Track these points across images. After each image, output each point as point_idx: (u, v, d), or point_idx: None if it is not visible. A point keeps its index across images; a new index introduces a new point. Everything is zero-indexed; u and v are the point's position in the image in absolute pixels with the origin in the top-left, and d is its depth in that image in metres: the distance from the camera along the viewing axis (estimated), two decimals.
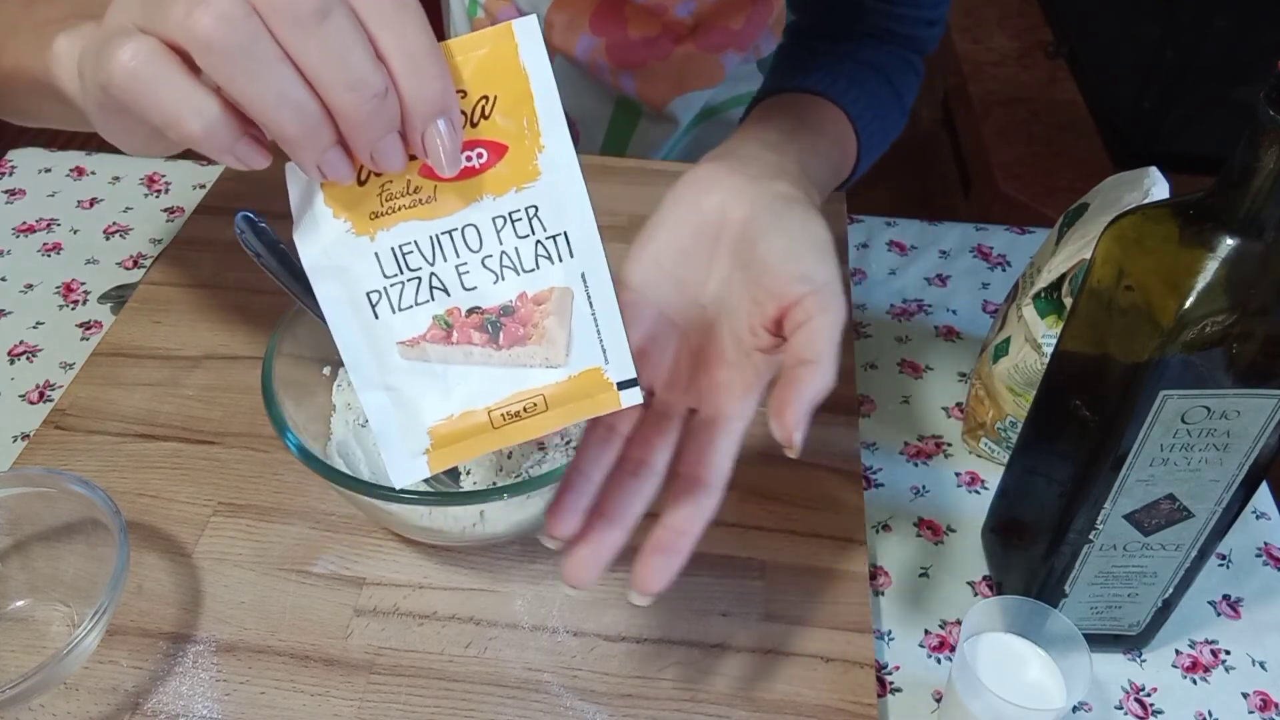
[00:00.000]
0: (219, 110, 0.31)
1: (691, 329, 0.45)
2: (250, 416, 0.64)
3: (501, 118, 0.36)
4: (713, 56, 0.86)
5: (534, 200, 0.37)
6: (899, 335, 0.74)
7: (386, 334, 0.38)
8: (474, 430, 0.39)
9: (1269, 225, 0.40)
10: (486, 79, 0.35)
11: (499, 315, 0.38)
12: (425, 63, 0.32)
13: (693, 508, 0.42)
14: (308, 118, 0.31)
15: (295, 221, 0.36)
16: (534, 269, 0.38)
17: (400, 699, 0.51)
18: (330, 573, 0.56)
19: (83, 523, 0.52)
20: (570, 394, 0.39)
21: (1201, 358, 0.41)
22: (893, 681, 0.54)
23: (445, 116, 0.33)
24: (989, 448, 0.64)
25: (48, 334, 0.72)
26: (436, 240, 0.37)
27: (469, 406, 0.39)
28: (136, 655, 0.52)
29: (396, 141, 0.33)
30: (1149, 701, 0.54)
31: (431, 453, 0.39)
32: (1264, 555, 0.61)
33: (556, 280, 0.38)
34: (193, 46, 0.30)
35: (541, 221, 0.37)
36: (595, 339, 0.39)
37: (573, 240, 0.38)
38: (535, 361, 0.39)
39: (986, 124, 1.90)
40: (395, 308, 0.37)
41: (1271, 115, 0.37)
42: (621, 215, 0.80)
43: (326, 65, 0.30)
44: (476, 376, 0.39)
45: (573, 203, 0.37)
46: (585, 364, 0.39)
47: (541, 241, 0.37)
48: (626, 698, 0.51)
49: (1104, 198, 0.59)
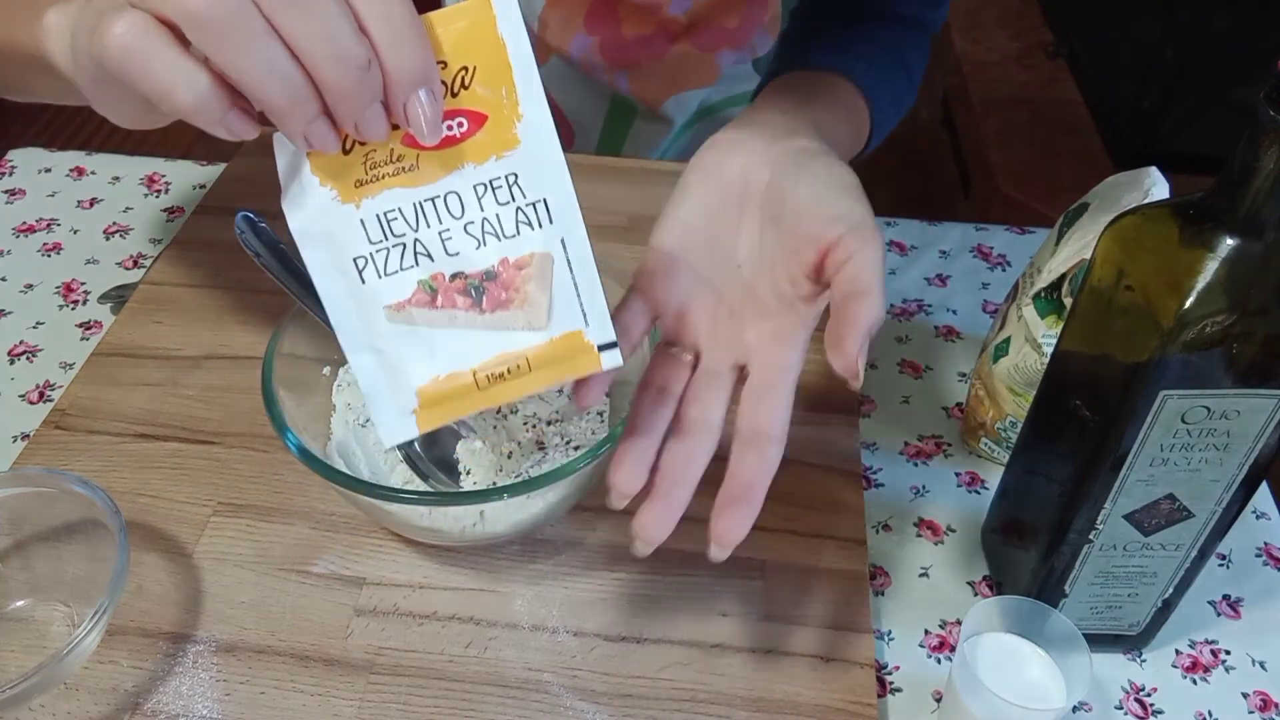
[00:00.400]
0: (209, 82, 0.32)
1: (728, 288, 0.46)
2: (250, 416, 0.64)
3: (481, 88, 0.37)
4: (708, 55, 0.86)
5: (513, 168, 0.38)
6: (899, 335, 0.74)
7: (373, 298, 0.39)
8: (460, 391, 0.40)
9: (1269, 225, 0.40)
10: (466, 50, 0.36)
11: (482, 280, 0.39)
12: (407, 35, 0.33)
13: (759, 459, 0.43)
14: (294, 89, 0.32)
15: (283, 190, 0.37)
16: (515, 234, 0.39)
17: (400, 699, 0.51)
18: (330, 573, 0.56)
19: (83, 523, 0.52)
20: (552, 356, 0.40)
21: (1201, 358, 0.41)
22: (893, 681, 0.54)
23: (426, 87, 0.34)
24: (989, 448, 0.64)
25: (48, 334, 0.72)
26: (420, 207, 0.38)
27: (454, 368, 0.40)
28: (136, 655, 0.52)
29: (380, 111, 0.34)
30: (1149, 701, 0.54)
31: (420, 412, 0.40)
32: (1264, 555, 0.61)
33: (537, 246, 0.39)
34: (183, 21, 0.31)
35: (521, 189, 0.38)
36: (576, 302, 0.40)
37: (551, 207, 0.39)
38: (518, 325, 0.40)
39: (986, 124, 1.90)
40: (381, 273, 0.38)
41: (1271, 115, 0.37)
42: (622, 215, 0.80)
43: (312, 39, 0.32)
44: (461, 339, 0.40)
45: (551, 170, 0.38)
46: (566, 327, 0.40)
47: (521, 208, 0.39)
48: (626, 698, 0.51)
49: (1104, 198, 0.59)
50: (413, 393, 0.40)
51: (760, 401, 0.44)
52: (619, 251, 0.77)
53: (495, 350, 0.40)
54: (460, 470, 0.58)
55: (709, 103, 0.91)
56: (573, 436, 0.59)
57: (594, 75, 0.87)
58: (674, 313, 0.46)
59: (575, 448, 0.58)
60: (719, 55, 0.87)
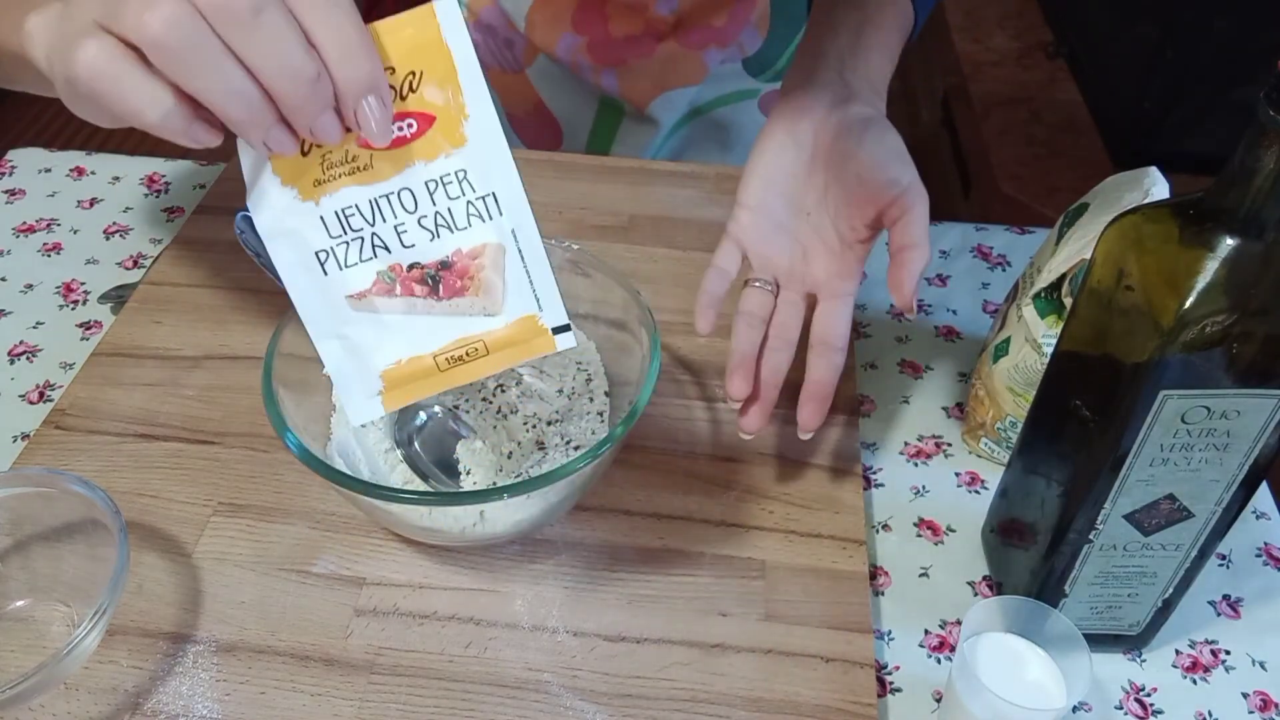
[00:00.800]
0: (173, 101, 0.35)
1: (800, 232, 0.59)
2: (250, 416, 0.64)
3: (428, 91, 0.39)
4: (695, 54, 0.86)
5: (463, 164, 0.40)
6: (899, 335, 0.74)
7: (336, 289, 0.41)
8: (422, 373, 0.43)
9: (1269, 225, 0.40)
10: (413, 56, 0.38)
11: (437, 269, 0.42)
12: (353, 46, 0.36)
13: (827, 364, 0.56)
14: (251, 103, 0.35)
15: (248, 190, 0.40)
16: (467, 226, 0.41)
17: (400, 699, 0.51)
18: (330, 573, 0.56)
19: (83, 523, 0.52)
20: (508, 339, 0.43)
21: (1201, 358, 0.41)
22: (893, 681, 0.54)
23: (374, 94, 0.37)
24: (989, 448, 0.64)
25: (48, 334, 0.72)
26: (375, 203, 0.40)
27: (416, 352, 0.43)
28: (136, 655, 0.52)
29: (332, 118, 0.37)
30: (1149, 701, 0.54)
31: (385, 394, 0.44)
32: (1264, 555, 0.61)
33: (489, 236, 0.41)
34: (144, 46, 0.34)
35: (471, 184, 0.40)
36: (529, 289, 0.42)
37: (501, 200, 0.41)
38: (474, 310, 0.42)
39: (986, 124, 1.90)
40: (342, 265, 0.41)
41: (1271, 115, 0.37)
42: (622, 215, 0.80)
43: (264, 57, 0.35)
44: (420, 325, 0.42)
45: (498, 165, 0.40)
46: (520, 311, 0.43)
47: (472, 202, 0.41)
48: (626, 698, 0.51)
49: (1104, 198, 0.59)
50: (377, 376, 0.43)
51: (828, 319, 0.57)
52: (619, 251, 0.77)
53: (453, 335, 0.43)
54: (460, 470, 0.58)
55: (699, 103, 0.91)
56: (573, 436, 0.59)
57: (581, 75, 0.87)
58: (759, 254, 0.59)
59: (575, 448, 0.58)
60: (706, 53, 0.86)
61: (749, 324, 0.57)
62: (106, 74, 0.35)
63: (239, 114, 0.36)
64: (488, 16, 0.88)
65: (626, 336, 0.60)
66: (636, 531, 0.59)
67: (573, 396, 0.61)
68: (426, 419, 0.58)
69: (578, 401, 0.61)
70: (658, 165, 0.85)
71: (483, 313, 0.43)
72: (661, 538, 0.58)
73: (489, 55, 0.90)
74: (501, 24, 0.87)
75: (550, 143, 0.93)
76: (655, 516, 0.59)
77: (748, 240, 0.59)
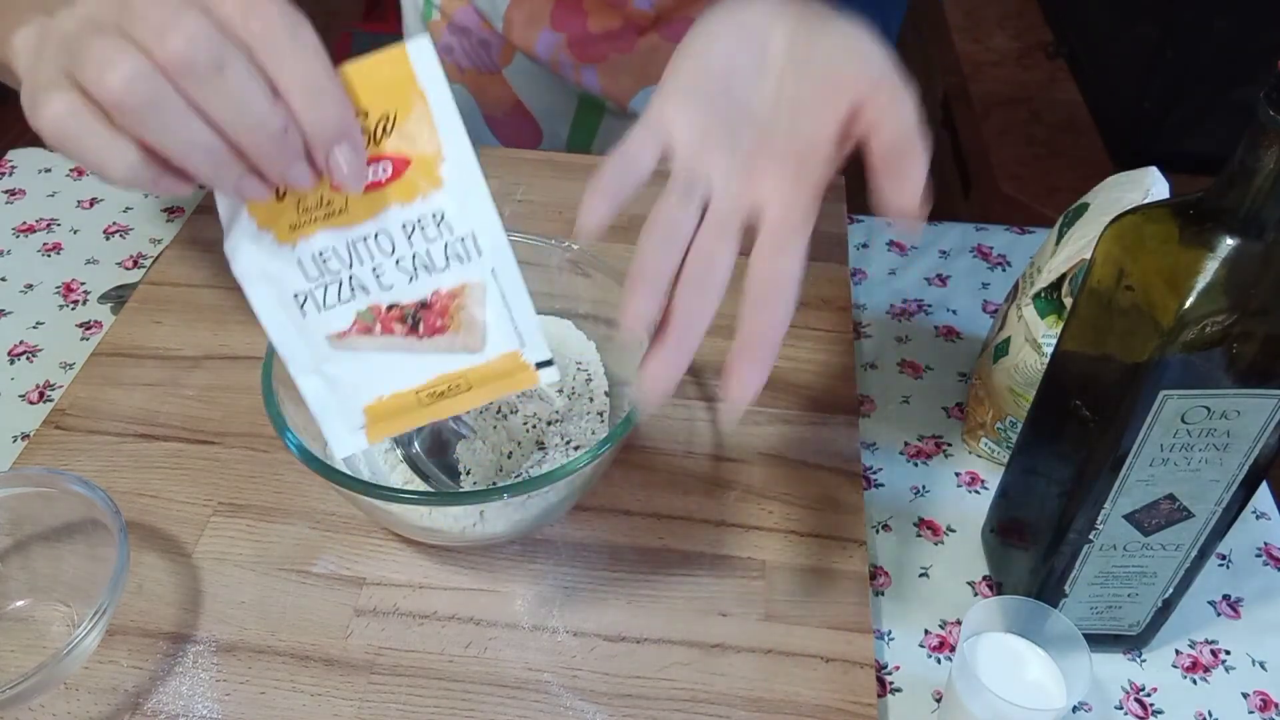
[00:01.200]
0: (137, 156, 0.35)
1: (743, 134, 0.44)
2: (250, 416, 0.64)
3: (402, 133, 0.38)
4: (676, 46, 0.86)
5: (440, 206, 0.39)
6: (899, 335, 0.74)
7: (315, 329, 0.41)
8: (404, 408, 0.43)
9: (1269, 225, 0.40)
10: (386, 99, 0.37)
11: (417, 309, 0.41)
12: (322, 95, 0.35)
13: (769, 312, 0.41)
14: (217, 157, 0.35)
15: (225, 234, 0.40)
16: (445, 267, 0.40)
17: (400, 699, 0.51)
18: (330, 573, 0.56)
19: (83, 523, 0.52)
20: (490, 374, 0.43)
21: (1201, 358, 0.41)
22: (893, 681, 0.54)
23: (345, 141, 0.36)
24: (989, 448, 0.64)
25: (48, 334, 0.72)
26: (352, 246, 0.40)
27: (398, 389, 0.42)
28: (136, 655, 0.52)
29: (304, 166, 0.36)
30: (1149, 701, 0.54)
31: (369, 427, 0.43)
32: (1264, 555, 0.61)
33: (468, 276, 0.41)
34: (105, 104, 0.33)
35: (449, 225, 0.40)
36: (510, 326, 0.42)
37: (480, 240, 0.40)
38: (454, 348, 0.42)
39: (986, 124, 1.90)
40: (320, 307, 0.41)
41: (1271, 115, 0.37)
42: (622, 215, 0.79)
43: (227, 111, 0.34)
44: (402, 363, 0.42)
45: (476, 205, 0.40)
46: (502, 349, 0.42)
47: (450, 243, 0.40)
48: (626, 698, 0.51)
49: (1104, 198, 0.59)
50: (359, 411, 0.43)
51: (776, 253, 0.41)
52: (619, 251, 0.77)
53: (435, 372, 0.42)
54: (460, 470, 0.58)
55: None
56: (573, 436, 0.59)
57: (561, 73, 0.87)
58: (688, 149, 0.44)
59: (575, 448, 0.58)
60: None
61: (661, 239, 0.42)
62: (70, 132, 0.34)
63: (205, 168, 0.35)
64: (462, 18, 0.88)
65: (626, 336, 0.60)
66: (636, 531, 0.59)
67: (573, 396, 0.61)
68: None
69: (578, 401, 0.61)
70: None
71: (464, 350, 0.42)
72: (661, 538, 0.58)
73: (464, 57, 0.90)
74: (476, 25, 0.87)
75: (529, 143, 0.93)
76: (655, 516, 0.59)
77: (674, 130, 0.44)
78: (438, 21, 0.90)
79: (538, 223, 0.78)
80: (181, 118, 0.34)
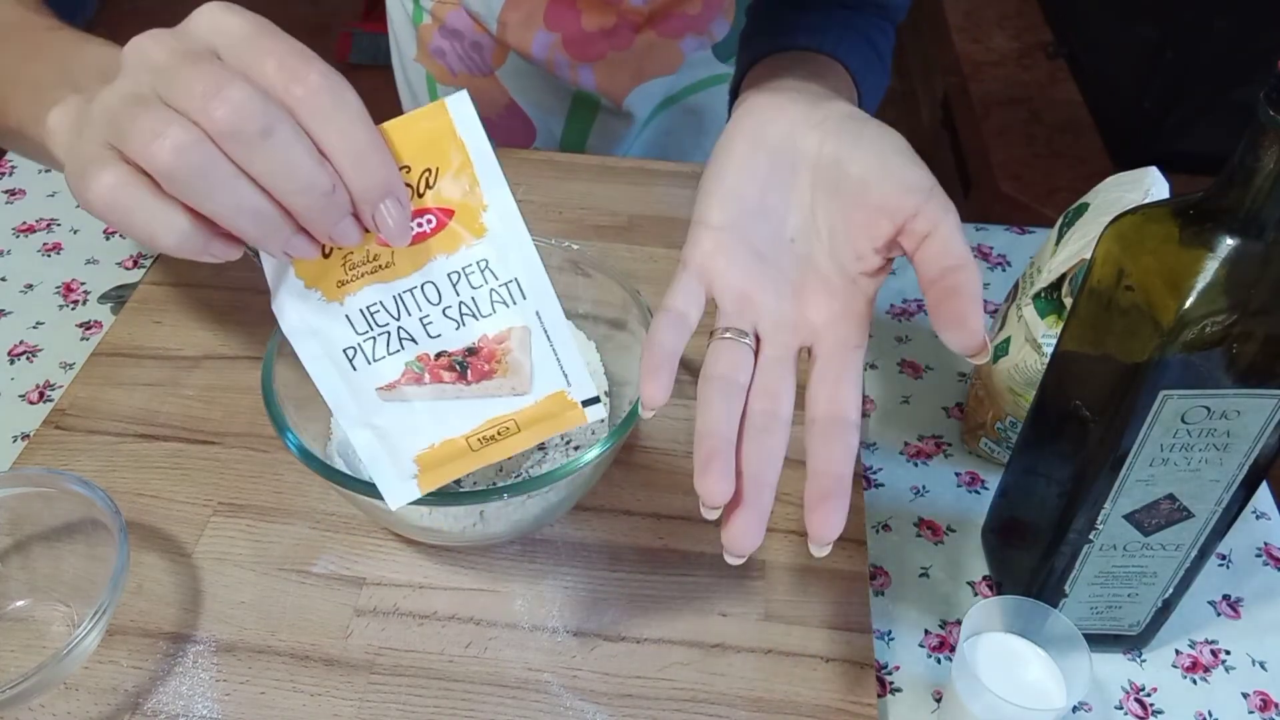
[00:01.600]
0: (189, 224, 0.35)
1: (785, 264, 0.44)
2: (250, 416, 0.64)
3: (445, 185, 0.39)
4: (672, 42, 0.86)
5: (484, 255, 0.41)
6: (899, 335, 0.74)
7: (365, 382, 0.42)
8: (456, 454, 0.44)
9: (1269, 225, 0.40)
10: (427, 153, 0.38)
11: (465, 355, 0.42)
12: (367, 154, 0.36)
13: (843, 448, 0.40)
14: (266, 220, 0.35)
15: (272, 293, 0.40)
16: (491, 313, 0.42)
17: (400, 699, 0.51)
18: (330, 573, 0.56)
19: (83, 523, 0.52)
20: (539, 415, 0.44)
21: (1201, 358, 0.41)
22: (893, 681, 0.54)
23: (390, 197, 0.37)
24: (989, 448, 0.64)
25: (48, 334, 0.72)
26: (399, 299, 0.41)
27: (448, 436, 0.44)
28: (136, 655, 0.52)
29: (351, 224, 0.37)
30: (1149, 701, 0.54)
31: (420, 476, 0.44)
32: (1264, 555, 0.61)
33: (514, 321, 0.42)
34: (155, 174, 0.34)
35: (493, 272, 0.41)
36: (556, 366, 0.43)
37: (524, 284, 0.42)
38: (503, 391, 0.43)
39: (986, 124, 1.90)
40: (370, 359, 0.42)
41: (1271, 115, 0.37)
42: (621, 215, 0.80)
43: (276, 175, 0.34)
44: (451, 409, 0.43)
45: (519, 251, 0.41)
46: (549, 389, 0.43)
47: (495, 289, 0.41)
48: (626, 698, 0.51)
49: (1104, 198, 0.59)
50: (410, 460, 0.44)
51: (835, 386, 0.41)
52: (619, 251, 0.77)
53: (484, 416, 0.43)
54: None
55: (671, 93, 0.91)
56: (573, 436, 0.59)
57: (558, 72, 0.87)
58: (734, 294, 0.44)
59: (575, 448, 0.58)
60: (683, 41, 0.86)
61: (723, 393, 0.41)
62: (120, 205, 0.35)
63: (254, 232, 0.36)
64: (454, 21, 0.88)
65: (626, 336, 0.60)
66: (636, 531, 0.59)
67: None
68: None
69: None
70: (658, 165, 0.85)
71: (511, 393, 0.43)
72: (661, 538, 0.58)
73: (457, 61, 0.90)
74: (469, 28, 0.87)
75: (522, 141, 0.93)
76: (655, 516, 0.59)
77: (715, 272, 0.44)
78: (428, 25, 0.90)
79: (538, 223, 0.78)
80: (230, 183, 0.34)
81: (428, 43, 0.90)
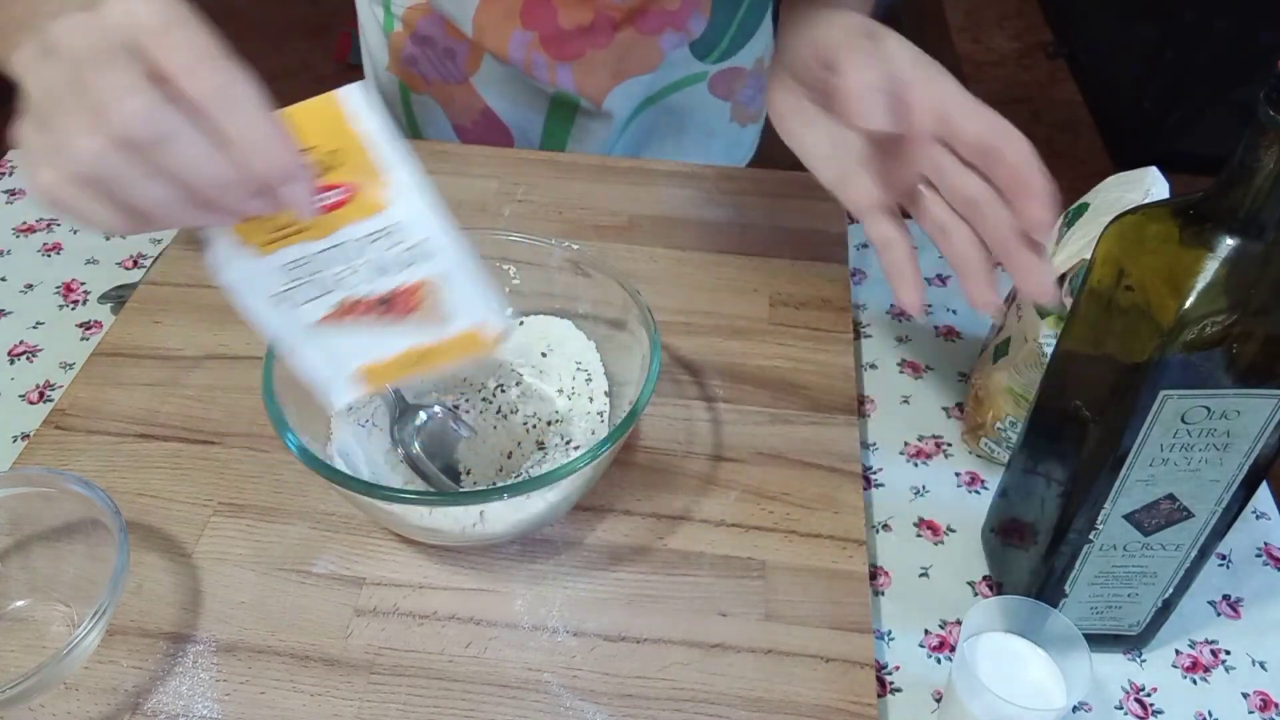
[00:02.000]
0: (116, 215, 0.39)
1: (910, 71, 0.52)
2: (250, 416, 0.64)
3: (345, 163, 0.43)
4: (651, 39, 0.86)
5: (390, 221, 0.44)
6: (899, 335, 0.74)
7: (300, 320, 0.47)
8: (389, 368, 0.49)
9: (1269, 225, 0.40)
10: (326, 137, 0.42)
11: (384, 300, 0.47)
12: (265, 143, 0.39)
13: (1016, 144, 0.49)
14: (184, 206, 0.40)
15: (212, 251, 0.44)
16: (403, 269, 0.46)
17: (400, 699, 0.51)
18: (330, 573, 0.56)
19: (83, 523, 0.52)
20: (456, 345, 0.49)
21: (1201, 358, 0.41)
22: (893, 681, 0.54)
23: (291, 180, 0.40)
24: (989, 448, 0.64)
25: (48, 334, 0.72)
26: (320, 255, 0.45)
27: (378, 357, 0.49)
28: (136, 655, 0.52)
29: (259, 202, 0.41)
30: (1149, 701, 0.54)
31: (364, 379, 0.49)
32: (1264, 555, 0.61)
33: (427, 273, 0.46)
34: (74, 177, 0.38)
35: (402, 235, 0.45)
36: (468, 306, 0.48)
37: (432, 244, 0.45)
38: (424, 325, 0.48)
39: None
40: (298, 304, 0.46)
41: (1271, 115, 0.37)
42: (621, 215, 0.80)
43: (182, 171, 0.38)
44: (378, 339, 0.48)
45: (425, 218, 0.45)
46: (464, 326, 0.48)
47: (406, 249, 0.45)
48: (626, 698, 0.51)
49: (1104, 198, 0.59)
50: (352, 369, 0.49)
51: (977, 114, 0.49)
52: (619, 251, 0.77)
53: (408, 344, 0.48)
54: (460, 470, 0.58)
55: (650, 92, 0.90)
56: (573, 436, 0.59)
57: (534, 74, 0.86)
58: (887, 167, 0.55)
59: (575, 448, 0.58)
60: (662, 38, 0.86)
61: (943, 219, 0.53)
62: (60, 200, 0.39)
63: (176, 217, 0.40)
64: (425, 27, 0.86)
65: (626, 336, 0.60)
66: (636, 531, 0.59)
67: (573, 396, 0.61)
68: (426, 419, 0.58)
69: (578, 401, 0.61)
70: (658, 165, 0.85)
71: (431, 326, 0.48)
72: (661, 538, 0.58)
73: (430, 68, 0.89)
74: (441, 34, 0.86)
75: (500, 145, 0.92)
76: (655, 516, 0.59)
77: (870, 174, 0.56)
78: (399, 33, 0.88)
79: (538, 223, 0.78)
80: (140, 183, 0.38)
81: (400, 50, 0.90)
